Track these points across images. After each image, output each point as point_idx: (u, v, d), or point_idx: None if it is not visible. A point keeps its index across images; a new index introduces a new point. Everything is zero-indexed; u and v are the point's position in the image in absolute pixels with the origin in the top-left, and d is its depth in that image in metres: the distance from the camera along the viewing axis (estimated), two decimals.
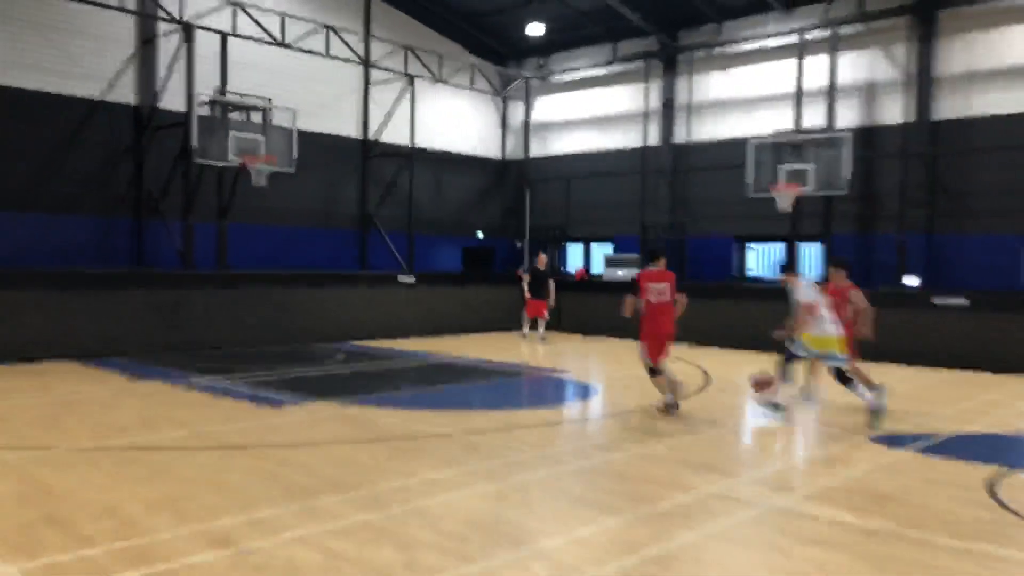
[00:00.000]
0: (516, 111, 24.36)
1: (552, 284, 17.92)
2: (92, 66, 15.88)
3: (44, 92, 15.24)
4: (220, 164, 15.32)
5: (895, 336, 15.23)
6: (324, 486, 6.09)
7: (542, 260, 18.41)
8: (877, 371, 13.63)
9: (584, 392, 11.51)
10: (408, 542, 4.95)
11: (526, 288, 17.64)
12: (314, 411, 9.23)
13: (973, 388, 12.12)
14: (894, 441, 8.26)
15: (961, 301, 14.62)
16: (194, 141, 14.95)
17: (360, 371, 12.89)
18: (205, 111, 15.47)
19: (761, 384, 9.17)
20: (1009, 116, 16.35)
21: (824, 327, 9.28)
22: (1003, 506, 6.06)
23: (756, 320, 17.02)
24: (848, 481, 6.68)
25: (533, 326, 17.91)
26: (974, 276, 16.48)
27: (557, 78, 23.38)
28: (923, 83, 17.26)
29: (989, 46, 16.78)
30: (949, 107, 17.16)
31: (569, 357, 15.33)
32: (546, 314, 17.86)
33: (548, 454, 7.37)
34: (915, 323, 14.91)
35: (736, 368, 14.00)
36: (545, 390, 11.74)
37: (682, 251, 20.32)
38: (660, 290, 9.45)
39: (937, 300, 14.90)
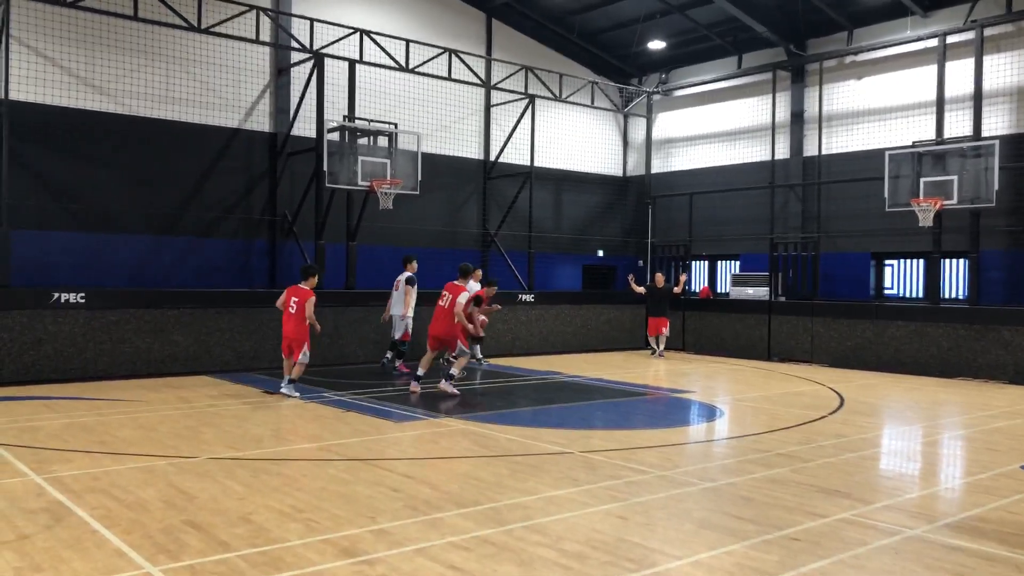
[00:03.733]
0: (638, 127, 24.18)
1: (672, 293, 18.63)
2: (231, 96, 16.90)
3: (189, 123, 16.32)
4: (349, 187, 15.93)
5: None
6: (446, 501, 6.15)
7: (660, 279, 18.66)
8: (1022, 394, 12.62)
9: (709, 413, 11.18)
10: (528, 559, 4.92)
11: (633, 285, 18.64)
12: (436, 426, 9.38)
13: None
14: None
15: None
16: (325, 166, 15.61)
17: (480, 388, 13.03)
18: (335, 137, 16.15)
19: None
20: None
21: None
22: None
23: (895, 341, 16.14)
24: (998, 511, 6.18)
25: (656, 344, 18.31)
26: None
27: (679, 93, 23.05)
28: None
29: None
30: None
31: (693, 377, 14.96)
32: (665, 331, 18.27)
33: (671, 475, 7.18)
34: None
35: (872, 391, 13.27)
36: (668, 410, 11.49)
37: (815, 268, 19.48)
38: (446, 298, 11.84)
39: None
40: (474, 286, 12.99)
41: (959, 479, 7.73)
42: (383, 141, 16.61)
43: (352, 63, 16.72)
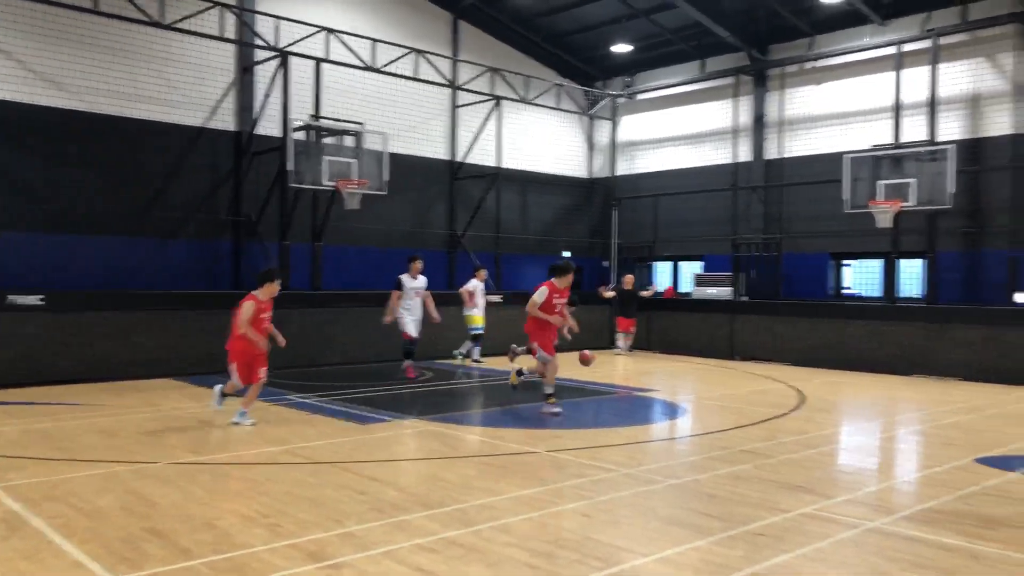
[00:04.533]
0: (603, 130, 24.33)
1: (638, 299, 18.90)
2: (195, 94, 16.68)
3: (152, 121, 16.08)
4: (315, 188, 15.82)
5: (1006, 355, 14.46)
6: (412, 502, 6.16)
7: (628, 280, 18.98)
8: (999, 392, 12.94)
9: (673, 411, 11.31)
10: (496, 559, 4.94)
11: (604, 292, 19.15)
12: (402, 428, 9.37)
13: None
14: (1003, 463, 7.82)
15: None
16: (290, 165, 15.49)
17: (447, 389, 13.03)
18: (300, 136, 16.03)
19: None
20: None
21: None
22: None
23: (855, 340, 16.45)
24: (953, 503, 6.34)
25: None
26: None
27: (644, 96, 23.24)
28: None
29: None
30: None
31: (658, 376, 15.11)
32: (632, 330, 18.81)
33: (637, 473, 7.26)
34: None
35: (832, 388, 13.51)
36: (633, 409, 11.59)
37: (777, 269, 19.79)
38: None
39: None
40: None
41: (916, 473, 7.92)
42: (349, 141, 16.52)
43: (318, 62, 16.61)
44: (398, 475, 7.14)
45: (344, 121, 16.78)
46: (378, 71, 17.79)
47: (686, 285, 22.32)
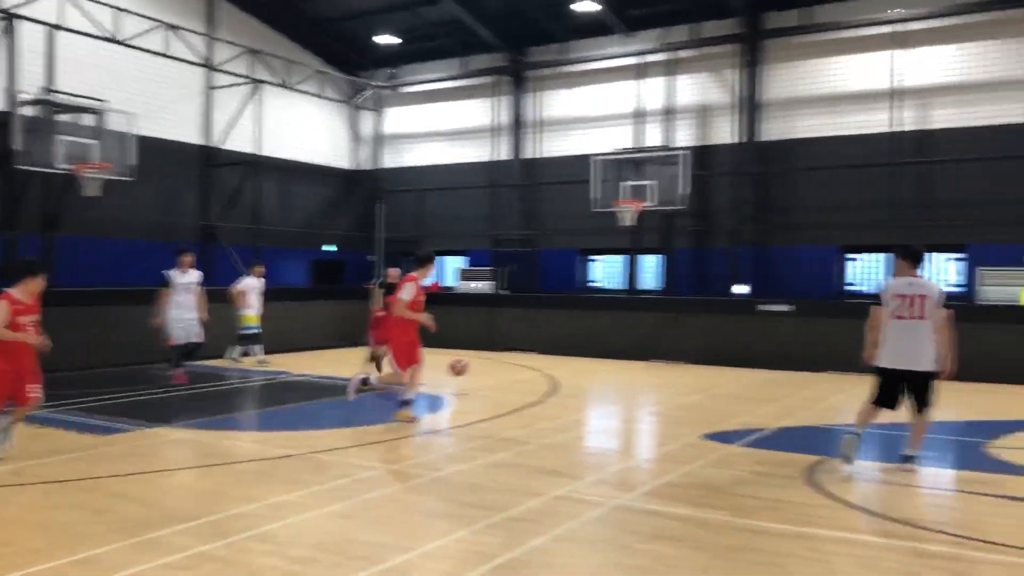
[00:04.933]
0: (367, 121, 24.13)
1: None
2: None
3: None
4: (47, 170, 14.24)
5: (727, 341, 16.29)
6: (161, 518, 5.78)
7: (393, 274, 18.65)
8: (713, 374, 14.51)
9: (435, 405, 11.53)
10: (255, 570, 4.79)
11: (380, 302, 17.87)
12: (150, 437, 8.75)
13: (795, 386, 13.12)
14: (725, 437, 8.82)
15: (785, 307, 15.83)
16: (16, 144, 13.83)
17: (199, 392, 12.33)
18: (31, 112, 14.35)
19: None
20: (826, 139, 17.84)
21: None
22: (822, 491, 6.61)
23: (602, 329, 17.73)
24: (685, 476, 7.07)
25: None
26: (798, 284, 17.82)
27: (409, 89, 23.34)
28: (751, 107, 18.53)
29: (809, 74, 18.26)
30: (775, 129, 18.50)
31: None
32: None
33: (398, 469, 7.35)
34: (744, 328, 16.05)
35: (583, 375, 14.46)
36: (398, 404, 11.65)
37: (534, 263, 20.81)
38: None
39: (762, 307, 16.10)
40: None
41: (654, 450, 8.73)
42: (89, 120, 15.07)
43: (51, 28, 14.95)
44: (145, 490, 6.67)
45: (83, 97, 15.26)
46: (122, 44, 16.34)
47: (451, 279, 22.79)
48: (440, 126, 22.93)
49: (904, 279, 7.24)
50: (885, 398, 7.26)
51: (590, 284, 21.17)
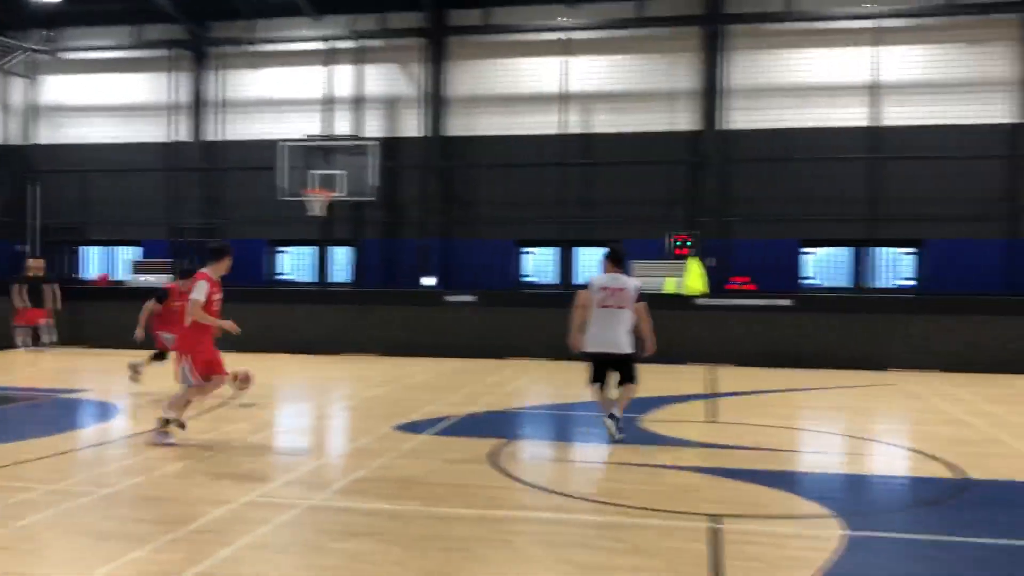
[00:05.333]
0: (17, 88, 21.09)
1: (55, 289, 16.55)
2: None
3: None
4: None
5: (417, 332, 16.77)
6: None
7: (35, 266, 16.75)
8: (403, 365, 14.85)
9: (105, 412, 10.48)
10: None
11: (23, 298, 16.20)
12: None
13: (479, 373, 13.90)
14: (416, 427, 9.11)
15: (469, 298, 16.67)
16: None
17: None
18: None
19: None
20: (505, 137, 19.05)
21: None
22: (505, 473, 7.10)
23: (294, 322, 17.29)
24: (377, 470, 7.18)
25: (35, 340, 16.41)
26: (482, 276, 18.86)
27: (71, 56, 20.79)
28: (436, 102, 19.17)
29: (490, 74, 19.34)
30: (459, 125, 19.34)
31: (86, 374, 13.83)
32: (46, 321, 16.53)
33: (63, 488, 6.59)
34: (432, 319, 16.62)
35: (275, 372, 14.03)
36: (57, 414, 10.42)
37: None
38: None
39: (450, 298, 16.81)
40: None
41: (346, 445, 8.75)
42: None
43: None
44: None
45: None
46: None
47: (122, 273, 20.80)
48: (108, 100, 20.76)
49: (609, 275, 8.35)
50: (598, 376, 8.37)
51: (279, 277, 20.56)
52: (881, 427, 10.25)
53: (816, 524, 5.77)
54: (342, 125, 19.29)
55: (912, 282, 18.85)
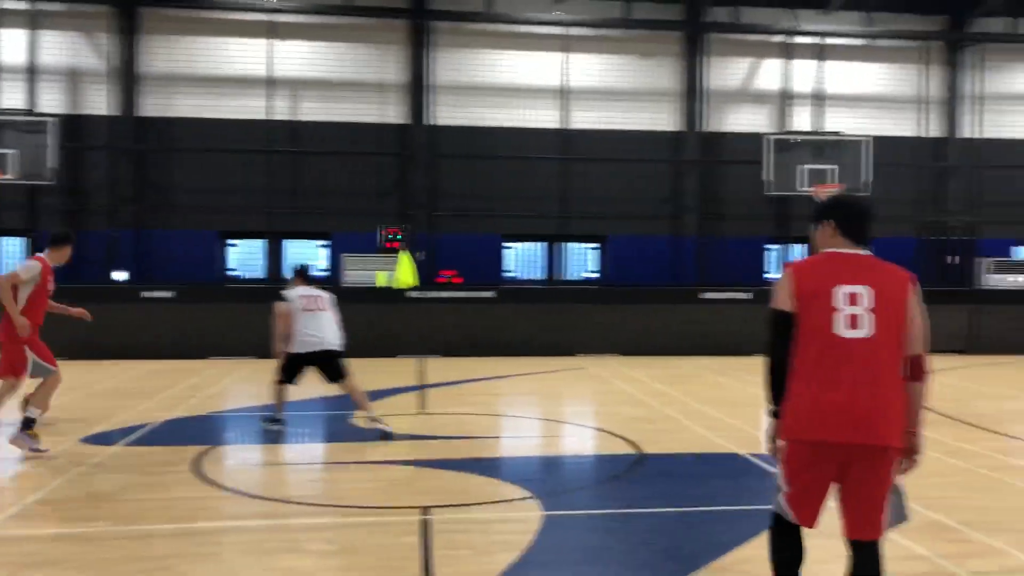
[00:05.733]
0: None
1: None
2: None
3: None
4: None
5: (105, 332, 15.26)
6: None
7: None
8: (90, 370, 13.45)
9: None
10: None
11: None
12: None
13: (179, 375, 13.05)
14: (107, 438, 8.37)
15: (168, 293, 15.53)
16: None
17: None
18: None
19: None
20: (207, 120, 17.93)
21: None
22: (209, 482, 6.76)
23: None
24: (60, 490, 6.49)
25: None
26: (181, 269, 17.63)
27: None
28: (128, 78, 17.55)
29: (189, 52, 18.07)
30: (155, 105, 17.87)
31: None
32: None
33: None
34: (125, 317, 15.20)
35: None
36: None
37: None
38: None
39: (146, 294, 15.53)
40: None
41: (20, 465, 7.71)
42: None
43: None
44: None
45: None
46: None
47: None
48: None
49: (306, 288, 8.87)
50: (291, 376, 8.78)
51: None
52: (573, 410, 11.25)
53: (519, 507, 6.21)
54: (13, 97, 16.93)
55: (596, 275, 20.79)
